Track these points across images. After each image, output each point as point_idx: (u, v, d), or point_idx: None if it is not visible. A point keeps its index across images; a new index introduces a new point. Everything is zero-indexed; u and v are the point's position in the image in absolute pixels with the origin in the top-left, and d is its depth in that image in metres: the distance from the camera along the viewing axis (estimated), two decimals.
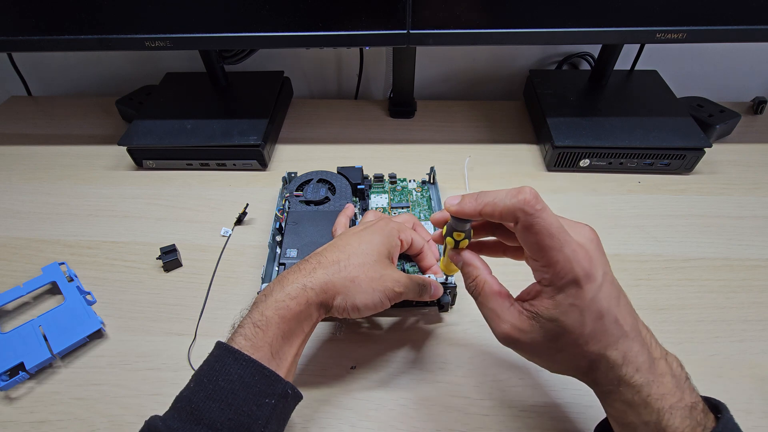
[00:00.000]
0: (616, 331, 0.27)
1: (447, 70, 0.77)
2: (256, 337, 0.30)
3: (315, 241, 0.45)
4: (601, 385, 0.28)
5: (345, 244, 0.36)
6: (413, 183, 0.54)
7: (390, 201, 0.52)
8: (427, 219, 0.50)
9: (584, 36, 0.52)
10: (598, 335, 0.27)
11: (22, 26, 0.52)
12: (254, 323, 0.31)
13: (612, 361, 0.27)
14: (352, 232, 0.38)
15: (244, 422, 0.27)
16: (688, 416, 0.26)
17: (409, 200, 0.52)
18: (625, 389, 0.27)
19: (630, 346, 0.27)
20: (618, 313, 0.27)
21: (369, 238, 0.36)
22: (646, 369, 0.27)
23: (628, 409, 0.27)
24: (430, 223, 0.49)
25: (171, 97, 0.67)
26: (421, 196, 0.53)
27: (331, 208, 0.49)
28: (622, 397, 0.27)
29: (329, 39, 0.53)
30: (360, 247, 0.36)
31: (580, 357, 0.28)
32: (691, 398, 0.27)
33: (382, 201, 0.52)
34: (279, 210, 0.48)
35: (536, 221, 0.26)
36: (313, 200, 0.50)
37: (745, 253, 0.49)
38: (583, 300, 0.26)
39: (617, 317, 0.27)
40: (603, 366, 0.27)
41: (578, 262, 0.26)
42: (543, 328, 0.27)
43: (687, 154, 0.56)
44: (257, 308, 0.32)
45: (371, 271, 0.35)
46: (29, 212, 0.55)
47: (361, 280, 0.34)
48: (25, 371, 0.38)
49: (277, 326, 0.31)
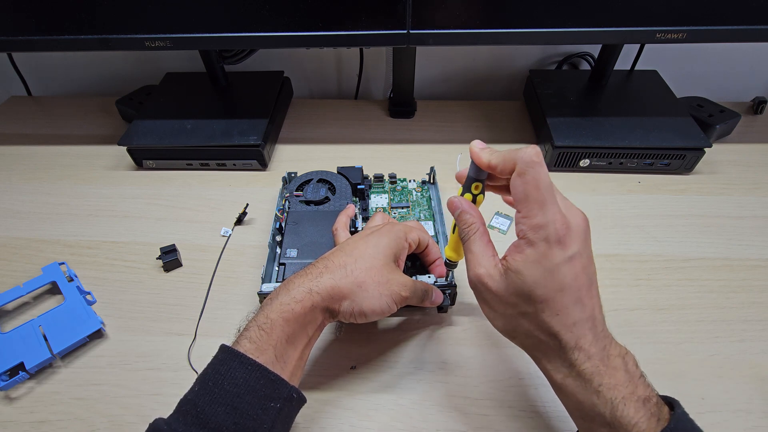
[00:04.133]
0: (575, 313, 0.28)
1: (447, 70, 0.77)
2: (261, 340, 0.30)
3: (315, 241, 0.45)
4: (553, 367, 0.29)
5: (352, 248, 0.36)
6: (413, 183, 0.54)
7: (390, 201, 0.52)
8: (428, 219, 0.50)
9: (584, 36, 0.52)
10: (556, 308, 0.28)
11: (22, 26, 0.52)
12: (259, 326, 0.31)
13: (564, 342, 0.28)
14: (359, 236, 0.38)
15: (249, 426, 0.27)
16: (642, 407, 0.26)
17: (409, 200, 0.52)
18: (575, 376, 0.28)
19: (584, 334, 0.28)
20: (582, 297, 0.28)
21: (376, 242, 0.36)
22: (598, 359, 0.28)
23: (581, 397, 0.28)
24: (429, 223, 0.49)
25: (171, 97, 0.67)
26: (421, 196, 0.53)
27: (331, 208, 0.49)
28: (575, 384, 0.28)
29: (329, 39, 0.53)
30: (367, 251, 0.35)
31: (535, 326, 0.29)
32: (645, 392, 0.27)
33: (382, 201, 0.52)
34: (279, 210, 0.48)
35: (529, 171, 0.27)
36: (313, 200, 0.50)
37: (745, 253, 0.49)
38: (549, 262, 0.27)
39: (580, 300, 0.28)
40: (554, 345, 0.28)
41: (554, 224, 0.27)
42: (508, 280, 0.29)
43: (687, 154, 0.56)
44: (263, 311, 0.32)
45: (378, 276, 0.34)
46: (29, 212, 0.55)
47: (369, 284, 0.34)
48: (25, 371, 0.38)
49: (282, 329, 0.31)
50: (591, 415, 0.28)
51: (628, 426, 0.26)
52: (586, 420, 0.28)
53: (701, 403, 0.37)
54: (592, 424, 0.28)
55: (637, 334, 0.42)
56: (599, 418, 0.27)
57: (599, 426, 0.27)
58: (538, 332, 0.29)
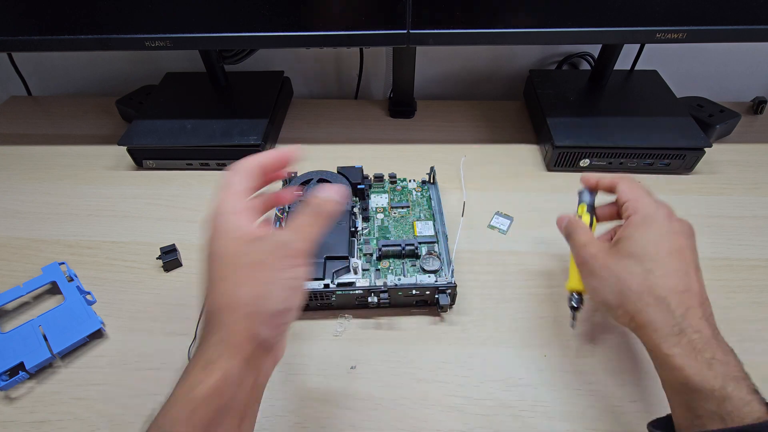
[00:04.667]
0: (684, 281, 0.30)
1: (447, 70, 0.77)
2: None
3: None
4: (660, 336, 0.29)
5: (206, 266, 0.27)
6: (413, 183, 0.54)
7: (390, 201, 0.52)
8: (428, 219, 0.50)
9: (584, 36, 0.52)
10: (665, 270, 0.30)
11: (22, 26, 0.52)
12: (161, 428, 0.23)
13: (673, 307, 0.29)
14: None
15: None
16: (755, 394, 0.25)
17: (409, 200, 0.52)
18: (685, 345, 0.27)
19: (694, 306, 0.29)
20: (690, 272, 0.31)
21: (213, 229, 0.27)
22: (710, 335, 0.28)
23: (690, 370, 0.27)
24: (429, 223, 0.49)
25: (171, 97, 0.67)
26: (421, 196, 0.53)
27: None
28: (683, 355, 0.27)
29: (329, 39, 0.53)
30: (216, 246, 0.27)
31: (645, 288, 0.30)
32: (754, 386, 0.26)
33: (382, 201, 0.52)
34: (279, 210, 0.48)
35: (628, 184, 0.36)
36: None
37: (745, 253, 0.49)
38: (658, 226, 0.32)
39: (688, 273, 0.30)
40: (663, 310, 0.29)
41: (662, 206, 0.34)
42: (618, 246, 0.33)
43: (687, 154, 0.56)
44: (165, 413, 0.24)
45: (247, 255, 0.25)
46: (29, 212, 0.55)
47: (243, 274, 0.25)
48: (25, 371, 0.38)
49: (190, 421, 0.23)
50: (699, 389, 0.26)
51: (740, 404, 0.25)
52: (692, 395, 0.26)
53: None
54: (698, 400, 0.26)
55: None
56: (708, 393, 0.26)
57: (705, 401, 0.26)
58: (647, 296, 0.30)
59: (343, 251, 0.44)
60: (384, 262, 0.46)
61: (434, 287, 0.41)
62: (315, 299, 0.43)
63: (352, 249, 0.46)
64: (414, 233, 0.48)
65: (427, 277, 0.42)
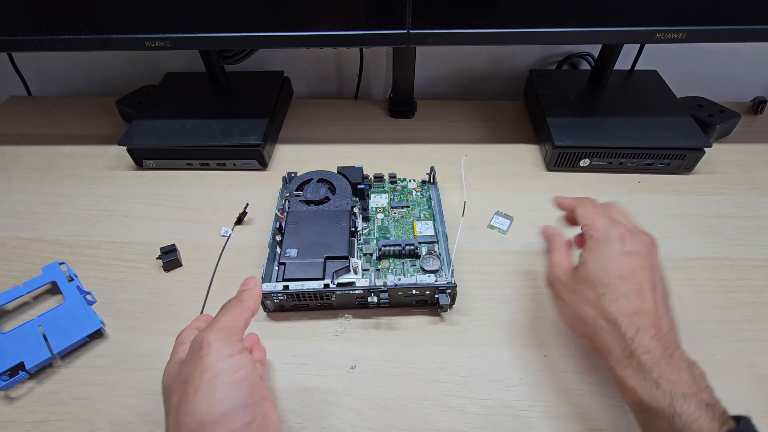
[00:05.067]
0: (635, 303, 0.30)
1: (447, 70, 0.77)
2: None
3: (315, 240, 0.45)
4: (614, 358, 0.30)
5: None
6: (413, 183, 0.54)
7: (390, 201, 0.52)
8: (428, 219, 0.50)
9: (584, 36, 0.52)
10: (615, 294, 0.31)
11: (22, 26, 0.52)
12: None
13: (623, 329, 0.30)
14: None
15: None
16: (705, 409, 0.26)
17: (409, 200, 0.52)
18: (635, 366, 0.29)
19: (645, 326, 0.30)
20: (644, 291, 0.31)
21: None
22: (659, 355, 0.28)
23: (641, 390, 0.28)
24: (429, 223, 0.49)
25: (171, 97, 0.67)
26: (421, 196, 0.53)
27: (331, 208, 0.49)
28: (634, 376, 0.28)
29: (329, 39, 0.53)
30: (164, 380, 0.28)
31: (597, 312, 0.31)
32: (710, 399, 0.27)
33: (382, 201, 0.52)
34: (279, 210, 0.48)
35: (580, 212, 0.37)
36: (313, 200, 0.50)
37: (745, 253, 0.49)
38: (608, 251, 0.33)
39: (641, 293, 0.31)
40: (614, 333, 0.30)
41: (617, 227, 0.34)
42: (576, 272, 0.34)
43: (687, 154, 0.56)
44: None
45: (177, 378, 0.26)
46: (29, 212, 0.55)
47: (177, 398, 0.25)
48: (25, 371, 0.38)
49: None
50: (650, 409, 0.27)
51: (689, 420, 0.26)
52: (646, 413, 0.28)
53: None
54: (652, 419, 0.27)
55: None
56: (659, 411, 0.27)
57: (658, 420, 0.27)
58: (600, 319, 0.31)
59: (342, 251, 0.44)
60: (384, 262, 0.46)
61: (434, 287, 0.41)
62: (315, 299, 0.43)
63: (352, 249, 0.46)
64: (414, 233, 0.48)
65: (427, 277, 0.42)
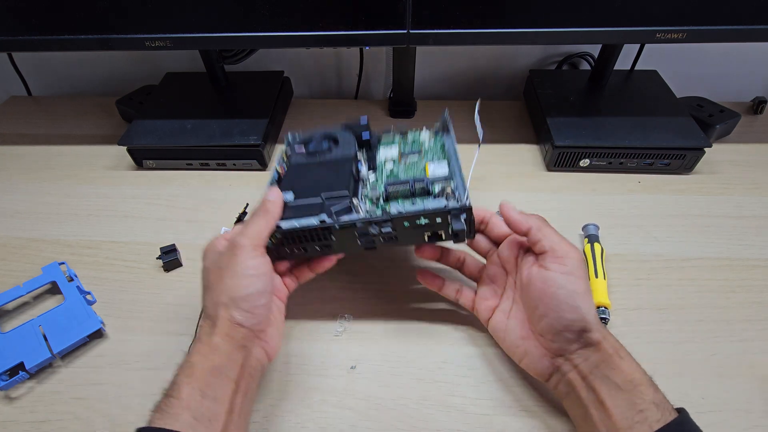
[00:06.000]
0: (589, 310, 0.33)
1: (447, 70, 0.77)
2: (172, 407, 0.28)
3: (314, 185, 0.40)
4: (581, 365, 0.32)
5: (208, 275, 0.36)
6: (426, 132, 0.49)
7: (401, 151, 0.46)
8: (441, 159, 0.43)
9: (584, 36, 0.52)
10: (572, 300, 0.33)
11: (22, 26, 0.52)
12: (167, 394, 0.30)
13: (594, 339, 0.32)
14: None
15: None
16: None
17: (421, 149, 0.46)
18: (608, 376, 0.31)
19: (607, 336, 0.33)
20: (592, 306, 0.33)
21: (205, 251, 0.37)
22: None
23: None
24: (444, 163, 0.43)
25: (171, 97, 0.67)
26: (435, 144, 0.47)
27: (333, 157, 0.44)
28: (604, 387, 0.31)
29: (329, 39, 0.53)
30: (204, 263, 0.36)
31: (564, 315, 0.33)
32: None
33: (392, 152, 0.46)
34: (279, 164, 0.45)
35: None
36: (316, 151, 0.45)
37: (745, 253, 0.49)
38: (561, 265, 0.34)
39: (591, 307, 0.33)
40: (583, 340, 0.32)
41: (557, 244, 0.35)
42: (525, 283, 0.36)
43: (687, 154, 0.56)
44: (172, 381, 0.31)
45: (216, 263, 0.35)
46: (29, 212, 0.55)
47: (215, 279, 0.34)
48: (25, 371, 0.38)
49: (189, 387, 0.29)
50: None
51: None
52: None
53: (701, 403, 0.37)
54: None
55: (637, 334, 0.42)
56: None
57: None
58: (566, 323, 0.33)
59: (343, 189, 0.38)
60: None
61: (445, 212, 0.35)
62: (313, 240, 0.37)
63: (357, 191, 0.41)
64: (426, 175, 0.41)
65: (436, 201, 0.36)
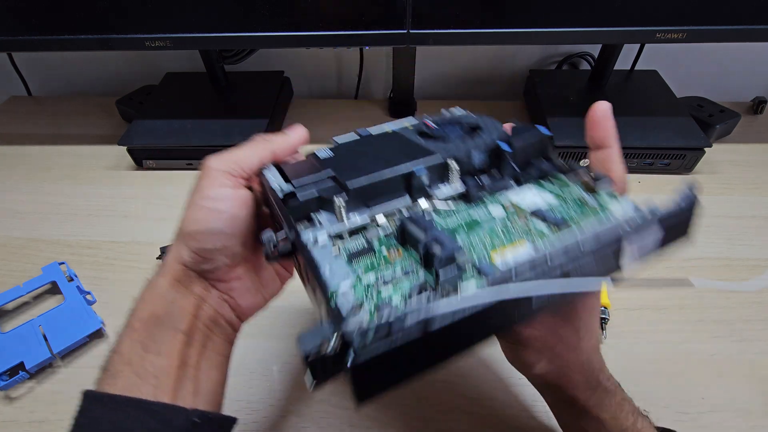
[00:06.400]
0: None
1: (447, 70, 0.77)
2: (113, 364, 0.24)
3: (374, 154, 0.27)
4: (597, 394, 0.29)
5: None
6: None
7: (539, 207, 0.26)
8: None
9: (584, 36, 0.52)
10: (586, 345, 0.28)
11: (22, 26, 0.52)
12: (112, 348, 0.25)
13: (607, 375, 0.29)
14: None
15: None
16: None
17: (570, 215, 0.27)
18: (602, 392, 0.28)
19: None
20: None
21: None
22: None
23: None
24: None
25: (171, 97, 0.67)
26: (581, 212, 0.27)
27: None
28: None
29: (329, 39, 0.53)
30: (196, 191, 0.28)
31: (581, 349, 0.28)
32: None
33: (528, 198, 0.26)
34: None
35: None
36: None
37: (745, 253, 0.49)
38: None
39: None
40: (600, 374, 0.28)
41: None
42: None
43: (687, 154, 0.56)
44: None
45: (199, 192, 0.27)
46: (29, 212, 0.55)
47: (192, 204, 0.27)
48: (25, 371, 0.38)
49: (129, 337, 0.25)
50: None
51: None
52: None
53: (701, 403, 0.37)
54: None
55: (637, 334, 0.42)
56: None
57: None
58: (584, 356, 0.29)
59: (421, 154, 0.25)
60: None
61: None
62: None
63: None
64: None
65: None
